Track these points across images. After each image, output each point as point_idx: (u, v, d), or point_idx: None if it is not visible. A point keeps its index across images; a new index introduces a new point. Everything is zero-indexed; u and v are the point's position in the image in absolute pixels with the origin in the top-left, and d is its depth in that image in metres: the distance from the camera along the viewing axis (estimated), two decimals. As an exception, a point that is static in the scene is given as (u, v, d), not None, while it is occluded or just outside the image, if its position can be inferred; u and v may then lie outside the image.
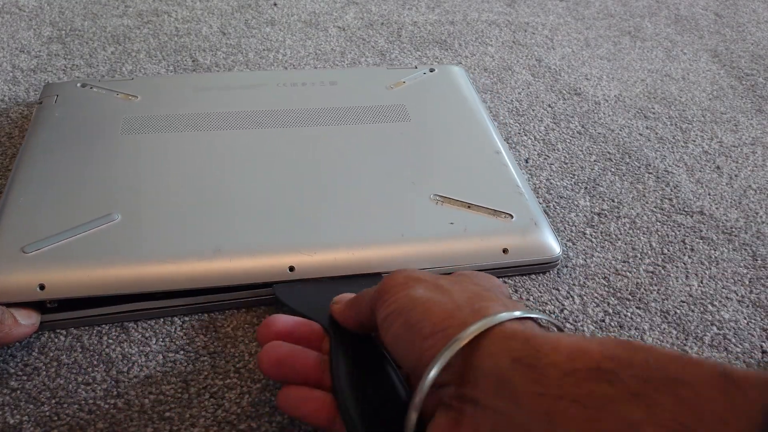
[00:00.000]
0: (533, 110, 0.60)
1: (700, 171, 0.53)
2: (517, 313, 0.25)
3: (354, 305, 0.32)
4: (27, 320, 0.35)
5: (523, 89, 0.63)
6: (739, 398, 0.18)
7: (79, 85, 0.51)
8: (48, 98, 0.49)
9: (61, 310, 0.36)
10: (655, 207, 0.49)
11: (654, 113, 0.61)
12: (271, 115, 0.49)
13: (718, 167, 0.54)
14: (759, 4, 0.84)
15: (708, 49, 0.73)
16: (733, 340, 0.39)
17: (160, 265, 0.37)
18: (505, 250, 0.40)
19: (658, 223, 0.47)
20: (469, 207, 0.41)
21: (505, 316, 0.25)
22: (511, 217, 0.41)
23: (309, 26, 0.73)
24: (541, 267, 0.42)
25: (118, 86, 0.51)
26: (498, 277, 0.36)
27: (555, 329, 0.27)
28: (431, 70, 0.56)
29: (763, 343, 0.39)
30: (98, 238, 0.37)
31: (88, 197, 0.40)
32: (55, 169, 0.42)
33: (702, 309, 0.41)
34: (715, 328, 0.40)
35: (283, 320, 0.33)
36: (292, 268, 0.37)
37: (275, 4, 0.78)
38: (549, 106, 0.61)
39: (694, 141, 0.57)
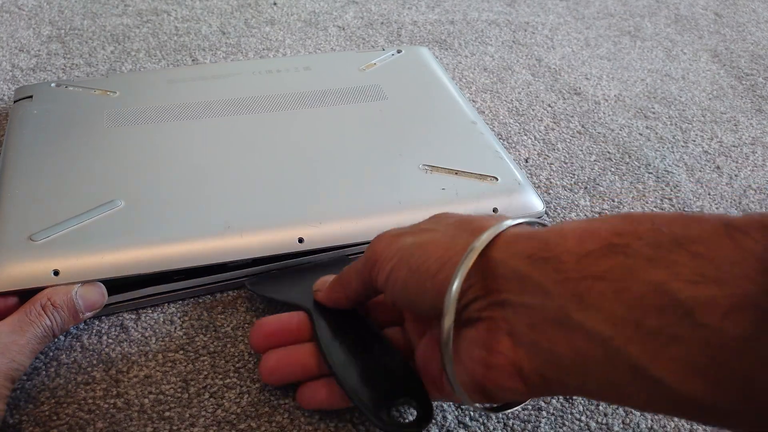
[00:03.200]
0: (533, 110, 0.60)
1: (700, 171, 0.53)
2: (519, 220, 0.26)
3: (340, 284, 0.33)
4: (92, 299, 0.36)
5: (523, 89, 0.63)
6: (746, 241, 0.20)
7: (53, 84, 0.52)
8: (22, 98, 0.49)
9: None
10: (655, 207, 0.49)
11: (654, 113, 0.61)
12: (254, 101, 0.50)
13: (718, 167, 0.54)
14: (759, 4, 0.84)
15: (708, 49, 0.73)
16: (733, 340, 0.39)
17: (174, 244, 0.38)
18: (495, 210, 0.42)
19: (658, 223, 0.47)
20: (456, 173, 0.44)
21: (507, 222, 0.26)
22: (497, 179, 0.44)
23: (309, 26, 0.73)
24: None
25: (93, 83, 0.52)
26: None
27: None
28: (399, 51, 0.59)
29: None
30: (105, 224, 0.38)
31: (87, 186, 0.41)
32: (46, 162, 0.43)
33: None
34: (715, 328, 0.40)
35: (270, 321, 0.34)
36: (301, 240, 0.39)
37: (275, 4, 0.78)
38: (549, 105, 0.61)
39: (694, 141, 0.57)
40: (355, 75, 0.55)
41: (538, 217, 0.43)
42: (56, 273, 0.35)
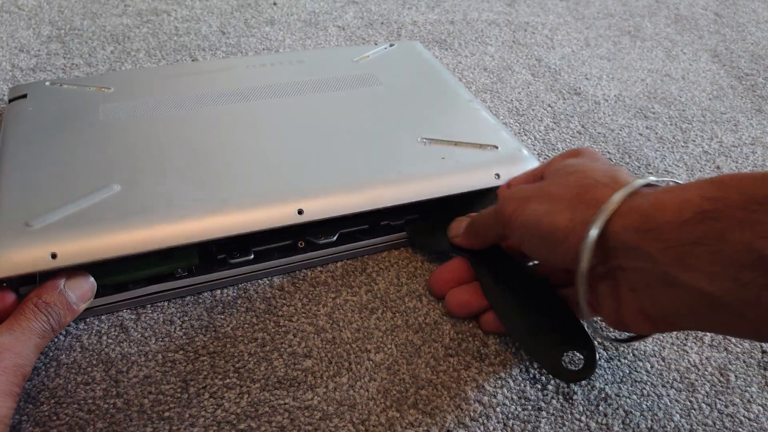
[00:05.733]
0: (533, 110, 0.60)
1: (700, 171, 0.53)
2: (626, 189, 0.30)
3: (475, 234, 0.39)
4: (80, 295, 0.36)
5: (523, 89, 0.63)
6: None
7: (47, 83, 0.52)
8: (17, 97, 0.50)
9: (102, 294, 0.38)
10: (655, 207, 0.49)
11: (654, 113, 0.61)
12: (249, 91, 0.50)
13: (718, 167, 0.54)
14: (759, 4, 0.84)
15: (708, 49, 0.73)
16: (733, 340, 0.39)
17: (171, 223, 0.37)
18: (497, 175, 0.43)
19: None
20: (456, 144, 0.45)
21: (618, 196, 0.29)
22: (497, 147, 0.45)
23: (309, 25, 0.73)
24: None
25: (88, 81, 0.52)
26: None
27: (662, 185, 0.31)
28: (391, 45, 0.59)
29: (763, 343, 0.39)
30: (102, 207, 0.38)
31: (83, 173, 0.41)
32: (42, 153, 0.43)
33: (702, 309, 0.41)
34: (715, 328, 0.40)
35: (443, 269, 0.40)
36: (300, 211, 0.39)
37: (275, 4, 0.78)
38: (549, 105, 0.61)
39: (694, 141, 0.57)
40: (349, 66, 0.55)
41: None
42: (54, 256, 0.35)
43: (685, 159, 0.55)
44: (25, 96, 0.49)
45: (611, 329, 0.38)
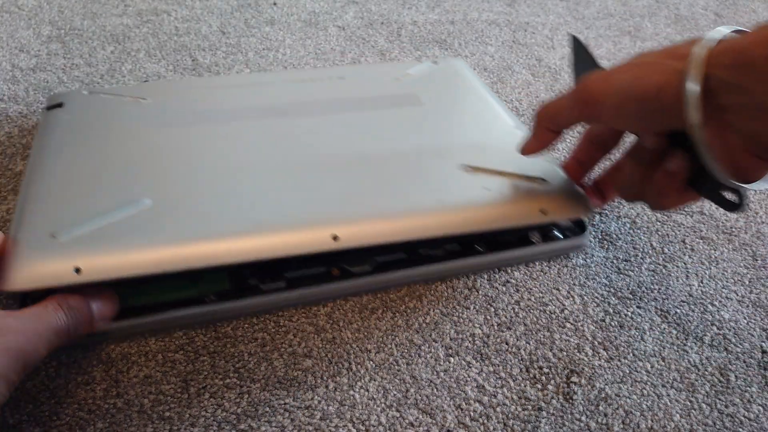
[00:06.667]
0: (533, 110, 0.60)
1: (700, 171, 0.53)
2: (711, 35, 0.31)
3: (549, 123, 0.39)
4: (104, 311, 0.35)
5: (523, 89, 0.63)
6: None
7: (85, 92, 0.51)
8: (54, 105, 0.49)
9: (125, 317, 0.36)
10: (655, 207, 0.49)
11: (654, 113, 0.61)
12: (287, 107, 0.49)
13: (718, 167, 0.54)
14: (759, 4, 0.84)
15: (708, 49, 0.73)
16: (733, 340, 0.39)
17: (203, 241, 0.36)
18: (543, 211, 0.40)
19: (659, 223, 0.47)
20: (500, 174, 0.42)
21: (706, 43, 0.30)
22: (544, 180, 0.42)
23: (309, 25, 0.73)
24: (573, 245, 0.44)
25: (125, 91, 0.51)
26: (526, 264, 0.43)
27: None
28: (434, 62, 0.58)
29: (763, 343, 0.39)
30: (131, 222, 0.37)
31: (114, 185, 0.40)
32: (74, 163, 0.42)
33: (702, 309, 0.41)
34: (715, 328, 0.40)
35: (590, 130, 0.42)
36: (336, 237, 0.37)
37: (275, 4, 0.78)
38: (549, 105, 0.61)
39: (694, 141, 0.57)
40: (389, 84, 0.53)
41: (587, 217, 0.45)
42: (78, 271, 0.34)
43: (685, 159, 0.55)
44: (61, 105, 0.49)
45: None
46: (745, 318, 0.40)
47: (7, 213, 0.45)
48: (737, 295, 0.42)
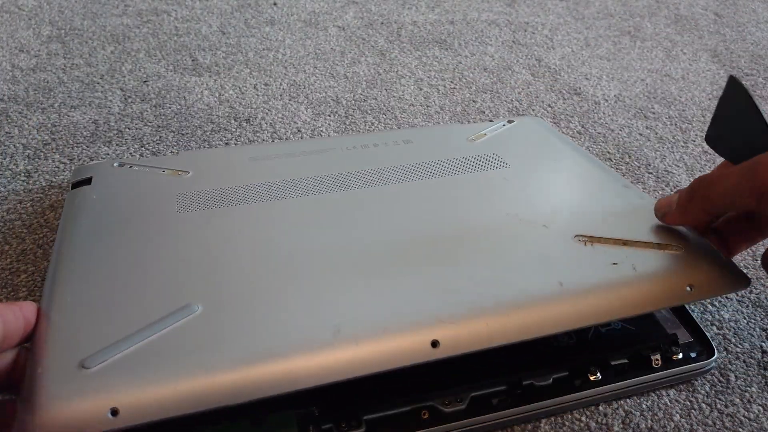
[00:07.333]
0: (533, 110, 0.60)
1: (700, 171, 0.53)
2: None
3: (703, 205, 0.33)
4: None
5: (523, 89, 0.63)
6: None
7: (115, 164, 0.45)
8: (80, 181, 0.43)
9: None
10: (655, 207, 0.49)
11: (654, 113, 0.61)
12: (350, 177, 0.42)
13: (718, 167, 0.54)
14: (759, 4, 0.84)
15: (708, 49, 0.73)
16: (733, 340, 0.39)
17: (269, 362, 0.28)
18: (690, 287, 0.33)
19: (658, 223, 0.47)
20: (625, 244, 0.35)
21: None
22: (681, 248, 0.35)
23: (308, 26, 0.73)
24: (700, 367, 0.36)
25: (161, 162, 0.45)
26: (651, 390, 0.35)
27: None
28: (510, 122, 0.51)
29: (763, 343, 0.39)
30: (179, 338, 0.29)
31: (156, 288, 0.32)
32: (105, 259, 0.34)
33: (702, 309, 0.41)
34: (715, 328, 0.40)
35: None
36: (435, 344, 0.29)
37: (275, 4, 0.78)
38: (549, 105, 0.61)
39: (694, 141, 0.57)
40: (464, 145, 0.47)
41: (743, 290, 0.38)
42: (114, 413, 0.26)
43: (685, 159, 0.55)
44: (89, 181, 0.42)
45: None
46: (745, 318, 0.40)
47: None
48: (737, 295, 0.42)
